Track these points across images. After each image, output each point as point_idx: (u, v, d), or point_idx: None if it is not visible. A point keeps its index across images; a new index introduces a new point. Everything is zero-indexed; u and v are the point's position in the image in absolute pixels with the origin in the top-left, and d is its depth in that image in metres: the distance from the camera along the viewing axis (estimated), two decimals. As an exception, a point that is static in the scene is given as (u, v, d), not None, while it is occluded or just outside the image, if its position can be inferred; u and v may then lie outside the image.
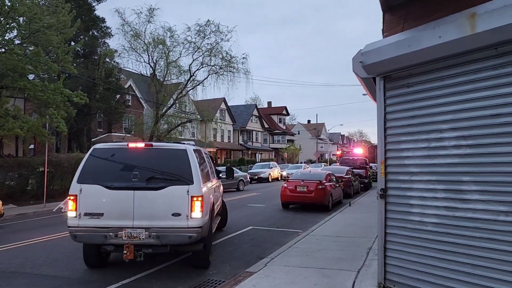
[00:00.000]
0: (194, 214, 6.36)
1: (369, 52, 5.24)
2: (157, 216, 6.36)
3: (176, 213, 6.33)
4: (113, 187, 6.48)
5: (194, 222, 6.35)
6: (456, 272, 4.40)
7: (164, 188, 6.45)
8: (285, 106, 75.81)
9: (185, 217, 6.33)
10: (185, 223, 6.32)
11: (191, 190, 6.42)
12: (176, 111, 34.09)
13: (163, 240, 6.33)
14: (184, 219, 6.33)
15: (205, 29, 31.26)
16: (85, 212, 6.43)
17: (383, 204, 5.40)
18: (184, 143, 7.57)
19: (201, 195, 6.48)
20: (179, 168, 6.67)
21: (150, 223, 6.34)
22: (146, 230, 6.32)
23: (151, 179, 6.54)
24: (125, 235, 6.34)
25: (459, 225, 4.41)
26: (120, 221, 6.37)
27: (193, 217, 6.36)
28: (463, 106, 4.44)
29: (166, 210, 6.35)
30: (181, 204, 6.36)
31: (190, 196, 6.38)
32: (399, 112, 5.27)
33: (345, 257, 7.67)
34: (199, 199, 6.43)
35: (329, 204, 15.77)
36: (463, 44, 4.19)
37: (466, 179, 4.40)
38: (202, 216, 6.45)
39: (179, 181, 6.51)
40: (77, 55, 28.25)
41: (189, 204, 6.36)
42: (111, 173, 6.74)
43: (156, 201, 6.42)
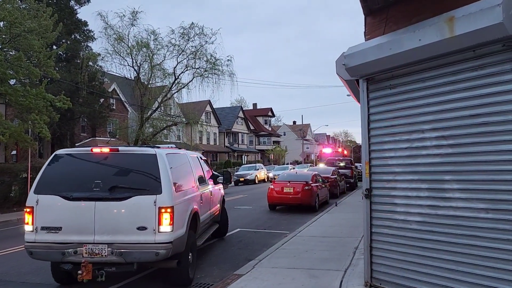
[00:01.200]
0: (162, 228, 5.66)
1: (352, 55, 5.33)
2: (121, 230, 5.69)
3: (141, 227, 5.64)
4: (72, 197, 5.81)
5: (162, 237, 5.65)
6: (439, 269, 4.51)
7: (128, 198, 5.72)
8: (271, 107, 76.02)
9: (151, 231, 5.63)
10: (151, 238, 5.63)
11: (159, 200, 5.69)
12: (161, 114, 33.89)
13: (127, 257, 5.63)
14: (151, 234, 5.63)
15: (189, 31, 31.19)
16: (42, 226, 5.81)
17: (368, 204, 5.49)
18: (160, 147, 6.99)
19: (171, 206, 5.74)
20: (147, 175, 5.98)
21: (113, 238, 5.68)
22: (109, 246, 5.65)
23: (115, 188, 5.85)
24: (85, 252, 5.67)
25: (441, 223, 4.52)
26: (80, 236, 5.71)
27: (161, 231, 5.65)
28: (444, 107, 4.56)
29: (130, 223, 5.67)
30: (147, 217, 5.66)
31: (158, 207, 5.66)
32: (382, 113, 5.37)
33: (332, 257, 7.75)
34: (168, 211, 5.70)
35: (316, 204, 15.89)
36: (442, 47, 4.30)
37: (448, 178, 4.51)
38: (172, 230, 5.73)
39: (146, 190, 5.79)
40: (60, 59, 27.84)
41: (157, 216, 5.65)
42: (72, 182, 6.06)
43: (119, 213, 5.75)
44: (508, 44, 3.92)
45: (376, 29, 5.55)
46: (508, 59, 3.96)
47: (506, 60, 3.98)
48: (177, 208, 5.95)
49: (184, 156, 7.73)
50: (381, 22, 5.51)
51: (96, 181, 5.90)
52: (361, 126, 5.63)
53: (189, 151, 8.75)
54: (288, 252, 8.30)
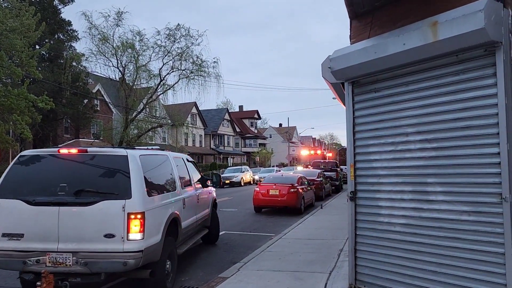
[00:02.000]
0: (131, 236, 5.25)
1: (337, 58, 5.36)
2: (87, 237, 5.30)
3: (109, 234, 5.24)
4: (35, 202, 5.41)
5: (131, 245, 5.24)
6: (422, 271, 4.55)
7: (95, 203, 5.32)
8: (257, 110, 76.05)
9: (120, 239, 5.23)
10: (119, 247, 5.21)
11: (128, 205, 5.28)
12: (146, 116, 33.67)
13: (93, 267, 5.24)
14: (119, 242, 5.22)
15: (175, 33, 31.11)
16: (3, 232, 5.41)
17: (353, 206, 5.52)
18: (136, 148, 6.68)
19: (141, 211, 5.34)
20: (116, 178, 5.59)
21: (78, 246, 5.28)
22: (74, 254, 5.25)
23: (81, 192, 5.45)
24: (48, 261, 5.28)
25: (425, 225, 4.57)
26: (43, 243, 5.33)
27: (130, 239, 5.24)
28: (427, 110, 4.61)
29: (97, 230, 5.28)
30: (115, 223, 5.26)
31: (127, 213, 5.25)
32: (367, 116, 5.41)
33: (317, 259, 7.77)
34: (139, 217, 5.30)
35: (301, 207, 15.93)
36: (426, 51, 4.36)
37: (431, 180, 4.56)
38: (143, 238, 5.34)
39: (114, 194, 5.40)
40: (42, 59, 27.42)
41: (125, 222, 5.24)
42: (36, 185, 5.67)
43: (85, 220, 5.34)
44: (489, 49, 3.99)
45: (362, 33, 5.60)
46: (489, 64, 4.03)
47: (488, 65, 4.05)
48: (151, 214, 5.56)
49: (165, 157, 7.26)
50: (366, 25, 5.56)
51: (62, 185, 5.51)
52: (346, 129, 5.66)
53: (174, 153, 8.40)
54: (274, 254, 8.29)
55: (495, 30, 3.83)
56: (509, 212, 3.83)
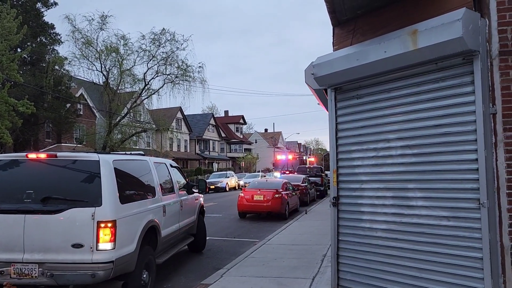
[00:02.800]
0: (101, 245, 4.98)
1: (320, 65, 5.41)
2: (54, 247, 5.01)
3: (77, 244, 4.96)
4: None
5: (101, 256, 4.97)
6: (403, 276, 4.59)
7: (63, 211, 5.05)
8: (242, 115, 76.12)
9: (88, 249, 4.94)
10: (88, 257, 4.94)
11: (98, 213, 5.02)
12: (130, 121, 33.36)
13: (59, 279, 4.95)
14: (88, 252, 4.94)
15: (160, 37, 31.02)
16: None
17: (335, 212, 5.55)
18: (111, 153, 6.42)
19: (112, 219, 5.08)
20: (86, 184, 5.33)
21: (44, 256, 4.99)
22: (40, 265, 4.97)
23: (48, 199, 5.17)
24: (13, 272, 4.99)
25: (405, 231, 4.61)
26: (8, 254, 5.04)
27: (100, 249, 4.97)
28: (408, 117, 4.68)
29: (64, 240, 5.00)
30: (84, 232, 4.98)
31: (96, 222, 4.98)
32: (349, 123, 5.46)
33: (300, 265, 7.77)
34: (109, 225, 5.03)
35: (286, 212, 15.96)
36: (406, 59, 4.43)
37: (412, 186, 4.62)
38: (115, 248, 5.06)
39: (83, 201, 5.13)
40: (24, 62, 26.98)
41: (95, 231, 4.97)
42: (1, 192, 5.42)
43: (52, 228, 5.06)
44: (467, 57, 4.07)
45: (344, 40, 5.66)
46: (467, 72, 4.12)
47: (466, 73, 4.13)
48: (123, 222, 5.30)
49: (144, 163, 6.94)
50: (348, 33, 5.62)
51: (28, 191, 5.25)
52: (329, 135, 5.70)
53: (156, 158, 8.16)
54: (257, 260, 8.27)
55: (472, 39, 3.92)
56: (486, 217, 3.90)
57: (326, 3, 5.15)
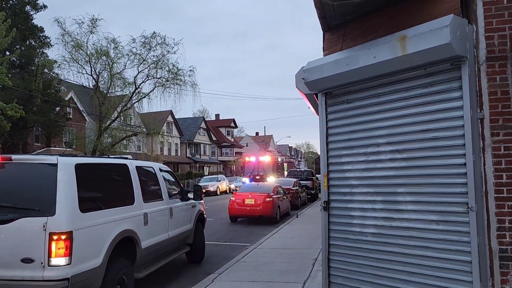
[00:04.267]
0: (54, 260, 4.39)
1: (310, 70, 5.43)
2: (2, 262, 4.49)
3: (27, 259, 4.40)
4: None
5: (53, 273, 4.38)
6: (394, 280, 4.61)
7: (11, 221, 4.51)
8: (233, 118, 76.08)
9: (39, 264, 4.37)
10: (39, 274, 4.36)
11: (51, 223, 4.42)
12: (120, 124, 33.13)
13: None
14: (38, 268, 4.37)
15: (151, 41, 30.90)
16: None
17: (326, 216, 5.56)
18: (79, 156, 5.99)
19: (67, 231, 4.47)
20: (40, 191, 4.77)
21: None
22: None
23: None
24: None
25: (395, 235, 4.64)
26: None
27: (52, 264, 4.39)
28: (397, 121, 4.71)
29: (13, 253, 4.45)
30: (34, 245, 4.40)
31: (48, 233, 4.39)
32: (340, 127, 5.49)
33: (291, 269, 7.77)
34: (63, 237, 4.43)
35: (277, 216, 15.96)
36: (395, 64, 4.47)
37: (401, 190, 4.65)
38: (71, 263, 4.47)
39: (35, 210, 4.56)
40: (13, 65, 26.68)
41: (47, 244, 4.37)
42: None
43: (0, 240, 4.54)
44: (455, 63, 4.12)
45: (334, 45, 5.69)
46: (455, 77, 4.17)
47: (454, 79, 4.18)
48: (84, 233, 4.73)
49: (122, 167, 6.25)
50: (339, 38, 5.66)
51: None
52: (320, 139, 5.72)
53: (142, 162, 7.61)
54: (248, 264, 8.25)
55: (460, 45, 3.97)
56: (475, 221, 3.93)
57: (316, 9, 5.18)
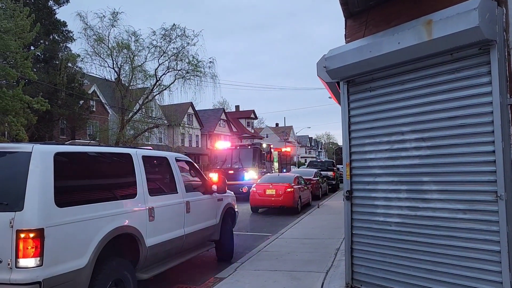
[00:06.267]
0: (22, 262, 3.88)
1: (332, 57, 5.36)
2: None
3: None
4: None
5: (21, 275, 3.87)
6: (418, 269, 4.56)
7: None
8: (253, 109, 75.93)
9: (6, 265, 3.88)
10: (5, 276, 3.87)
11: (18, 220, 3.91)
12: (142, 116, 33.53)
13: None
14: (5, 269, 3.87)
15: (171, 33, 30.97)
16: None
17: (349, 205, 5.52)
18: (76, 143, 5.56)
19: (37, 228, 3.93)
20: (10, 183, 4.25)
21: None
22: None
23: None
24: None
25: (420, 224, 4.57)
26: None
27: (20, 266, 3.87)
28: (422, 109, 4.62)
29: None
30: (1, 244, 3.92)
31: (15, 231, 3.88)
32: (362, 115, 5.42)
33: (313, 259, 7.77)
34: (32, 236, 3.90)
35: (298, 206, 15.94)
36: (421, 50, 4.36)
37: (426, 179, 4.57)
38: (42, 264, 3.94)
39: (3, 204, 4.06)
40: (37, 60, 27.27)
41: (14, 243, 3.88)
42: None
43: None
44: (484, 47, 3.99)
45: (356, 32, 5.60)
46: (484, 62, 4.04)
47: (482, 63, 4.06)
48: (60, 231, 4.19)
49: (124, 157, 5.63)
50: (361, 25, 5.55)
51: None
52: (342, 128, 5.67)
53: (152, 151, 6.88)
54: (271, 254, 8.28)
55: (489, 28, 3.84)
56: (504, 210, 3.84)
57: (338, -5, 5.10)
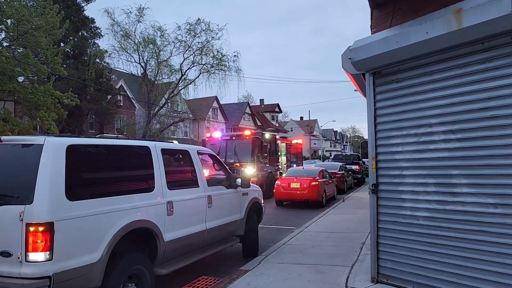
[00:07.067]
0: (32, 256, 3.81)
1: (358, 49, 5.27)
2: None
3: (5, 252, 3.89)
4: None
5: (31, 269, 3.80)
6: (447, 264, 4.46)
7: None
8: (278, 103, 75.69)
9: (16, 259, 3.83)
10: (16, 270, 3.81)
11: (28, 213, 3.85)
12: (168, 111, 34.04)
13: None
14: (16, 263, 3.82)
15: (196, 27, 31.23)
16: None
17: (374, 199, 5.45)
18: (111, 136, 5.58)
19: (47, 221, 3.87)
20: (21, 175, 4.21)
21: None
22: None
23: None
24: None
25: (449, 218, 4.47)
26: None
27: (30, 260, 3.80)
28: (452, 100, 4.49)
29: None
30: (12, 237, 3.87)
31: (25, 224, 3.82)
32: (389, 108, 5.32)
33: (338, 252, 7.72)
34: (41, 229, 3.83)
35: (323, 200, 15.85)
36: (450, 39, 4.24)
37: (456, 172, 4.45)
38: (52, 258, 3.86)
39: (14, 197, 4.01)
40: (67, 56, 28.01)
41: (24, 237, 3.81)
42: None
43: None
44: (517, 36, 3.84)
45: (383, 23, 5.48)
46: (517, 51, 3.89)
47: (516, 52, 3.90)
48: (72, 225, 4.12)
49: (141, 150, 5.52)
50: (387, 15, 5.44)
51: None
52: (368, 121, 5.58)
53: (172, 144, 6.81)
54: (295, 247, 8.28)
55: (523, 15, 3.69)
56: (538, 204, 3.70)
57: (364, -15, 5.00)
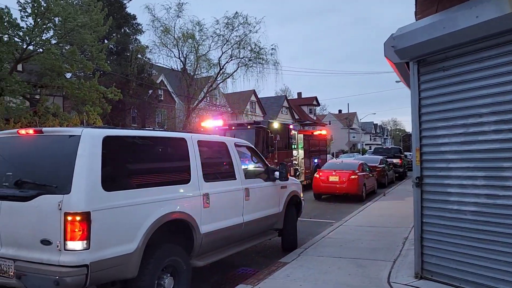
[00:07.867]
0: (70, 244, 3.84)
1: (401, 36, 5.08)
2: (25, 242, 4.09)
3: (45, 240, 3.93)
4: None
5: (69, 258, 3.83)
6: (496, 261, 4.25)
7: (32, 198, 4.06)
8: (315, 96, 74.76)
9: (55, 247, 3.87)
10: (55, 258, 3.86)
11: (66, 202, 3.89)
12: (207, 105, 34.48)
13: (27, 282, 3.98)
14: (55, 251, 3.87)
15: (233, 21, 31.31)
16: None
17: (419, 192, 5.26)
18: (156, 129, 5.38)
19: (84, 211, 3.88)
20: (60, 166, 4.25)
21: (17, 252, 4.10)
22: (15, 262, 4.07)
23: (22, 183, 4.24)
24: None
25: (499, 213, 4.25)
26: None
27: (68, 248, 3.85)
28: (504, 88, 4.24)
29: (34, 233, 4.02)
30: (52, 226, 3.92)
31: (63, 213, 3.86)
32: (434, 97, 5.11)
33: (380, 247, 7.55)
34: (78, 219, 3.85)
35: (363, 194, 15.55)
36: (503, 23, 3.99)
37: (507, 165, 4.21)
38: (89, 247, 3.89)
39: (53, 187, 4.05)
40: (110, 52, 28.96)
41: (62, 226, 3.86)
42: None
43: (23, 218, 4.13)
44: None
45: (428, 8, 5.25)
46: None
47: None
48: (108, 215, 4.13)
49: (177, 142, 5.50)
50: (433, 0, 5.19)
51: (8, 173, 4.43)
52: (411, 112, 5.38)
53: (209, 136, 6.85)
54: (334, 241, 8.18)
55: None
56: None
57: (408, -31, 4.79)
